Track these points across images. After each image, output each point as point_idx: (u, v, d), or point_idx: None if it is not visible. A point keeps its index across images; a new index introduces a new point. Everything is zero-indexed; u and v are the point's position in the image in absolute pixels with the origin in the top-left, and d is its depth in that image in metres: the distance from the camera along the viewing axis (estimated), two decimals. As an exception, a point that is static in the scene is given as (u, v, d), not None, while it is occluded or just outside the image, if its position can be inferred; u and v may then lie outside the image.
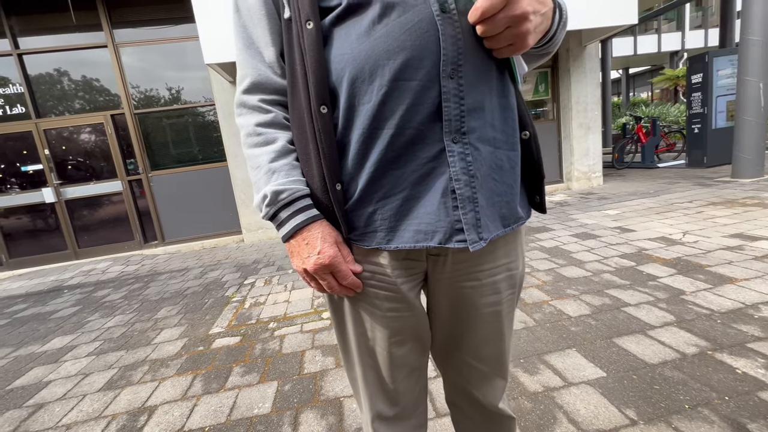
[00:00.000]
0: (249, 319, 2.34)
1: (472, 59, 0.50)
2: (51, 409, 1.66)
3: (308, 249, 0.54)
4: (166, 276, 3.69)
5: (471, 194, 0.53)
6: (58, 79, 4.61)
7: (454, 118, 0.51)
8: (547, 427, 1.19)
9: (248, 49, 0.57)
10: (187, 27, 4.56)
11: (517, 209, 0.59)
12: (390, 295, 0.59)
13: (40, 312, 3.07)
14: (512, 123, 0.56)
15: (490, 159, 0.54)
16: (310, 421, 1.36)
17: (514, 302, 0.67)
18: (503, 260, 0.62)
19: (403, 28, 0.48)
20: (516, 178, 0.58)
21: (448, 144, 0.51)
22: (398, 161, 0.52)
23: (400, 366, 0.65)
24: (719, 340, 1.52)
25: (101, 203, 4.87)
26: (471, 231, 0.53)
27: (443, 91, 0.50)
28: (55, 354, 2.22)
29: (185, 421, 1.45)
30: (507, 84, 0.56)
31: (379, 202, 0.54)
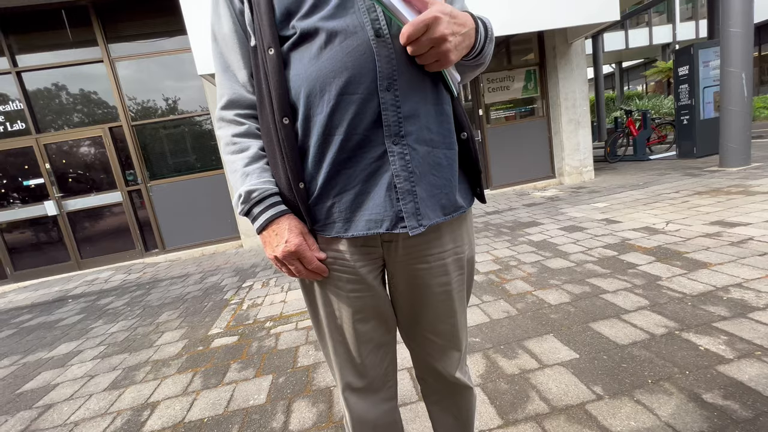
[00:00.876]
0: (246, 320, 2.44)
1: (406, 74, 0.59)
2: (59, 408, 1.75)
3: (277, 239, 0.64)
4: (167, 282, 3.79)
5: (410, 188, 0.61)
6: (56, 94, 4.73)
7: (392, 123, 0.59)
8: (520, 405, 1.28)
9: (225, 72, 0.68)
10: (180, 39, 4.68)
11: (457, 199, 0.68)
12: (351, 277, 0.68)
13: (46, 321, 3.17)
14: (448, 126, 0.65)
15: (428, 157, 0.63)
16: (302, 409, 1.45)
17: (464, 282, 0.75)
18: (450, 245, 0.70)
19: (345, 51, 0.58)
20: (453, 173, 0.67)
21: (389, 146, 0.60)
22: (349, 162, 0.61)
23: (366, 342, 0.74)
24: (687, 320, 1.60)
25: (102, 214, 4.98)
26: (411, 218, 0.62)
27: (381, 102, 0.58)
28: (62, 359, 2.31)
29: (185, 414, 1.54)
30: (441, 93, 0.64)
31: (335, 197, 0.63)
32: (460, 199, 0.69)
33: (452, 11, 0.54)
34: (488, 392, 1.37)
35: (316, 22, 0.59)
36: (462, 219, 0.72)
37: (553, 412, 1.23)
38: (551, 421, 1.19)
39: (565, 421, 1.18)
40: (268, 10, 0.60)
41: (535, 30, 4.51)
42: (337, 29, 0.58)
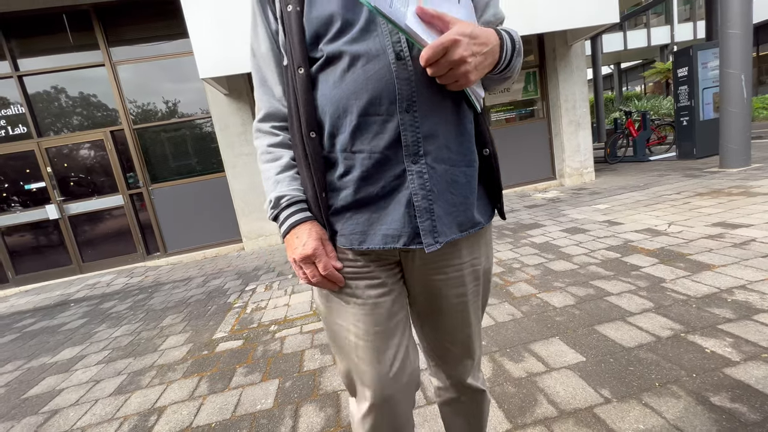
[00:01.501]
0: (251, 323, 2.44)
1: (425, 95, 0.61)
2: (65, 414, 1.75)
3: (297, 242, 0.67)
4: (169, 286, 3.79)
5: (427, 206, 0.63)
6: (58, 98, 4.73)
7: (411, 143, 0.61)
8: (529, 409, 1.29)
9: (262, 86, 0.73)
10: (182, 42, 4.69)
11: (474, 216, 0.69)
12: (370, 282, 0.70)
13: (49, 325, 3.17)
14: (468, 144, 0.67)
15: (446, 176, 0.64)
16: (310, 414, 1.45)
17: (479, 293, 0.77)
18: (467, 257, 0.72)
19: (366, 75, 0.60)
20: (471, 191, 0.68)
21: (408, 165, 0.62)
22: (370, 179, 0.64)
23: (387, 348, 0.72)
24: (693, 323, 1.61)
25: (103, 217, 4.98)
26: (427, 236, 0.64)
27: (401, 123, 0.60)
28: (66, 364, 2.31)
29: (193, 419, 1.54)
30: (463, 111, 0.66)
31: (355, 210, 0.66)
32: (478, 216, 0.70)
33: (473, 31, 0.54)
34: (496, 396, 1.37)
35: (341, 45, 0.61)
36: (480, 232, 0.73)
37: (562, 415, 1.23)
38: (560, 424, 1.20)
39: (574, 424, 1.18)
40: (299, 32, 0.64)
41: (535, 32, 4.53)
42: (360, 53, 0.60)
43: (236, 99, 4.68)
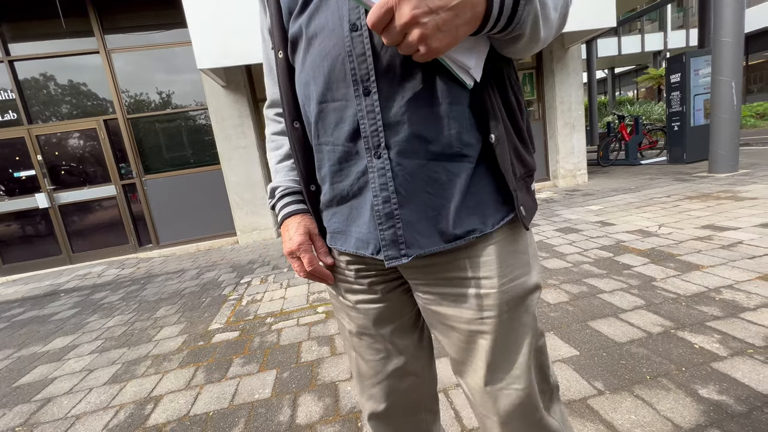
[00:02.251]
0: (247, 315, 2.44)
1: (388, 73, 0.50)
2: (59, 402, 1.73)
3: (286, 235, 0.65)
4: (162, 278, 3.75)
5: (389, 211, 0.53)
6: (50, 84, 4.64)
7: (371, 134, 0.52)
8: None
9: (268, 73, 0.70)
10: (179, 32, 4.63)
11: (465, 222, 0.53)
12: (356, 287, 0.65)
13: (39, 315, 3.12)
14: (455, 130, 0.52)
15: (420, 172, 0.52)
16: (308, 403, 1.46)
17: (499, 326, 0.56)
18: (467, 273, 0.56)
19: (321, 55, 0.53)
20: (458, 190, 0.53)
21: (370, 160, 0.53)
22: (340, 174, 0.57)
23: (382, 359, 0.68)
24: (682, 320, 1.66)
25: (95, 208, 4.91)
26: (390, 247, 0.55)
27: (358, 110, 0.51)
28: (58, 353, 2.29)
29: (190, 408, 1.54)
30: (445, 89, 0.51)
31: (336, 207, 0.61)
32: (473, 222, 0.54)
33: None
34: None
35: (301, 22, 0.54)
36: (487, 244, 0.55)
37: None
38: (555, 414, 1.23)
39: (569, 415, 1.22)
40: (276, 11, 0.58)
41: (533, 34, 4.57)
42: (317, 29, 0.53)
43: (234, 91, 4.64)
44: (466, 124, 0.53)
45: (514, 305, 0.56)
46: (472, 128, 0.53)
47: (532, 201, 0.59)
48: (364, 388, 0.71)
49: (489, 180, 0.55)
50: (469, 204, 0.54)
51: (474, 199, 0.54)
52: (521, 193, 0.56)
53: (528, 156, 0.59)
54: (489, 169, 0.55)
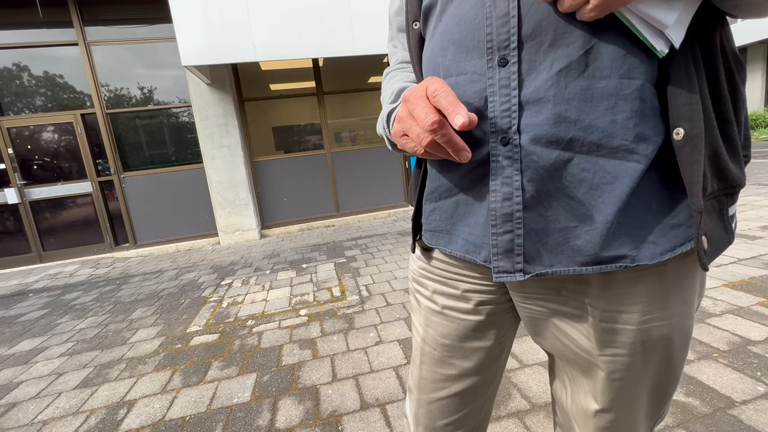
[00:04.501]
0: (227, 318, 2.39)
1: (536, 39, 0.40)
2: (25, 407, 1.66)
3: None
4: (139, 278, 3.64)
5: (509, 211, 0.43)
6: (23, 75, 4.45)
7: (500, 114, 0.42)
8: (503, 402, 1.34)
9: (391, 40, 0.65)
10: (163, 27, 4.53)
11: (614, 244, 0.41)
12: (451, 291, 0.57)
13: (5, 316, 2.98)
14: (625, 116, 0.38)
15: (562, 167, 0.40)
16: (288, 407, 1.45)
17: (635, 368, 0.45)
18: (597, 302, 0.45)
19: (455, 20, 0.45)
20: (614, 199, 0.39)
21: (494, 147, 0.43)
22: (449, 161, 0.48)
23: (444, 382, 0.60)
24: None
25: (69, 205, 4.72)
26: (502, 258, 0.45)
27: (489, 84, 0.43)
28: (25, 356, 2.19)
29: (166, 412, 1.50)
30: (620, 57, 0.37)
31: (437, 202, 0.54)
32: (624, 246, 0.40)
33: None
34: None
35: None
36: (638, 276, 0.43)
37: (534, 408, 1.29)
38: (532, 416, 1.26)
39: (545, 417, 1.25)
40: None
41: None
42: None
43: (219, 89, 4.57)
44: (643, 108, 0.38)
45: (669, 344, 0.44)
46: (651, 115, 0.39)
47: (725, 231, 0.42)
48: (421, 402, 0.63)
49: (662, 191, 0.41)
50: (627, 220, 0.40)
51: (635, 214, 0.40)
52: (709, 218, 0.40)
53: (733, 165, 0.41)
54: (666, 175, 0.40)
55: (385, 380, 1.56)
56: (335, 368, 1.68)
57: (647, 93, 0.38)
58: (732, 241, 0.43)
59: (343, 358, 1.76)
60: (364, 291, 2.59)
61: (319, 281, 2.90)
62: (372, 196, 5.46)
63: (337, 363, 1.72)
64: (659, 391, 0.48)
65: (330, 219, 5.28)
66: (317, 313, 2.31)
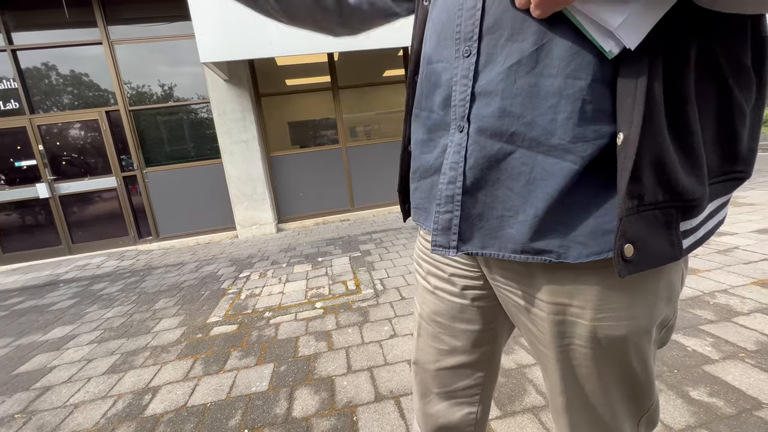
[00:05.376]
0: (245, 309, 2.45)
1: (495, 32, 0.41)
2: (58, 390, 1.75)
3: None
4: (161, 270, 3.77)
5: (451, 194, 0.46)
6: (52, 74, 4.63)
7: (458, 103, 0.45)
8: (518, 398, 1.34)
9: None
10: (182, 25, 4.62)
11: (543, 238, 0.42)
12: (438, 273, 0.61)
13: (38, 304, 3.14)
14: (566, 115, 0.38)
15: (502, 159, 0.42)
16: (305, 397, 1.48)
17: (585, 366, 0.46)
18: (544, 296, 0.46)
19: (441, 7, 0.48)
20: (546, 195, 0.40)
21: (452, 132, 0.46)
22: (428, 144, 0.53)
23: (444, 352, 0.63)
24: (676, 323, 1.67)
25: (95, 199, 4.91)
26: (440, 234, 0.48)
27: (454, 74, 0.45)
28: (57, 342, 2.30)
29: (188, 399, 1.56)
30: (569, 56, 0.37)
31: (419, 181, 0.57)
32: (552, 241, 0.41)
33: None
34: None
35: None
36: (586, 274, 0.43)
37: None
38: (547, 413, 1.25)
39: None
40: None
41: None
42: None
43: (236, 85, 4.64)
44: (585, 109, 0.38)
45: (611, 346, 0.44)
46: (595, 117, 0.38)
47: (669, 245, 0.39)
48: (418, 371, 0.68)
49: (600, 193, 0.40)
50: (559, 218, 0.41)
51: (568, 213, 0.41)
52: (646, 228, 0.37)
53: (688, 177, 0.38)
54: (607, 179, 0.39)
55: (400, 373, 1.57)
56: (350, 360, 1.71)
57: (593, 94, 0.38)
58: (678, 258, 0.40)
59: (358, 351, 1.78)
60: (378, 285, 2.61)
61: (335, 275, 2.93)
62: (387, 191, 5.46)
63: (352, 355, 1.75)
64: (632, 387, 0.47)
65: (345, 213, 5.31)
66: (332, 306, 2.34)
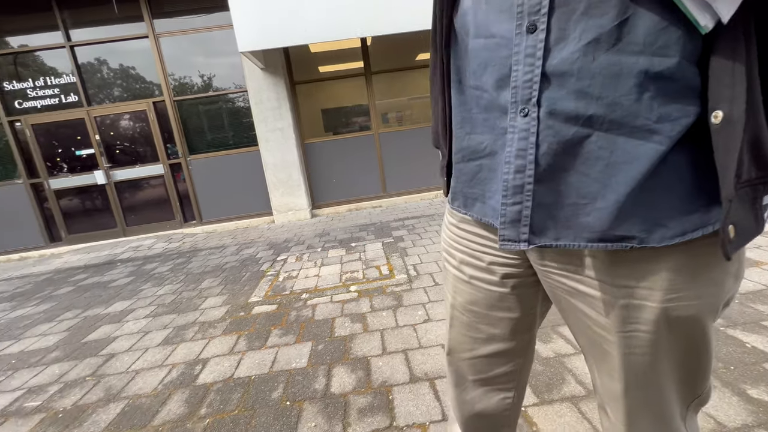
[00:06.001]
0: (283, 291, 2.56)
1: (568, 5, 0.37)
2: (120, 358, 1.93)
3: None
4: (205, 252, 4.00)
5: (520, 183, 0.44)
6: (104, 69, 4.95)
7: (522, 84, 0.41)
8: (556, 387, 1.31)
9: None
10: (220, 15, 4.75)
11: (624, 224, 0.40)
12: (476, 262, 0.58)
13: (100, 281, 3.45)
14: (651, 94, 0.36)
15: (578, 144, 0.39)
16: (342, 375, 1.54)
17: (650, 349, 0.44)
18: (622, 281, 0.43)
19: None
20: (628, 179, 0.38)
21: (512, 117, 0.43)
22: (484, 124, 0.48)
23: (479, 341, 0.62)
24: (734, 318, 1.56)
25: (145, 185, 5.26)
26: (508, 227, 0.46)
27: (515, 51, 0.41)
28: (118, 315, 2.53)
29: (234, 371, 1.67)
30: (655, 31, 0.35)
31: (463, 163, 0.54)
32: (633, 226, 0.40)
33: None
34: (523, 372, 1.41)
35: None
36: (659, 255, 0.41)
37: (590, 394, 1.25)
38: (588, 402, 1.22)
39: (602, 404, 1.20)
40: None
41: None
42: None
43: (272, 73, 4.73)
44: (673, 87, 0.36)
45: (678, 328, 0.43)
46: (683, 95, 0.36)
47: (755, 221, 0.38)
48: (452, 360, 0.67)
49: (685, 174, 0.38)
50: (641, 201, 0.39)
51: (651, 195, 0.39)
52: (740, 206, 0.36)
53: None
54: (693, 157, 0.38)
55: (434, 357, 1.59)
56: (385, 342, 1.75)
57: (682, 71, 0.35)
58: (761, 231, 0.39)
59: (392, 333, 1.81)
60: (411, 270, 2.62)
61: (368, 259, 2.98)
62: (419, 177, 5.42)
63: (387, 337, 1.79)
64: (690, 371, 0.46)
65: (377, 200, 5.35)
66: (366, 289, 2.39)
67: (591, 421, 1.16)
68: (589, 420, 1.16)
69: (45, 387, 1.75)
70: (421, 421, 1.25)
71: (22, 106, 4.90)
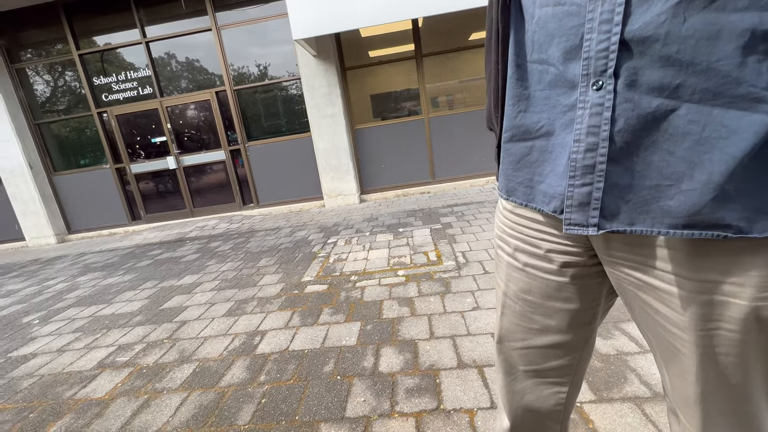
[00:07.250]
0: (334, 272, 2.66)
1: None
2: (191, 325, 2.15)
3: None
4: (262, 233, 4.26)
5: (591, 163, 0.39)
6: (173, 62, 5.37)
7: (596, 54, 0.37)
8: (617, 385, 1.23)
9: None
10: (276, 5, 4.90)
11: (716, 210, 0.35)
12: (534, 250, 0.55)
13: (172, 256, 3.83)
14: (755, 59, 0.31)
15: (662, 119, 0.35)
16: (389, 355, 1.58)
17: (741, 350, 0.39)
18: (703, 274, 0.38)
19: None
20: (726, 156, 0.33)
21: (583, 90, 0.39)
22: (546, 102, 0.45)
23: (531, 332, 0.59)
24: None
25: (209, 170, 5.69)
26: (575, 210, 0.42)
27: (588, 18, 0.37)
28: (188, 287, 2.80)
29: (289, 344, 1.78)
30: None
31: (512, 143, 0.51)
32: (732, 213, 0.34)
33: None
34: (579, 367, 1.34)
35: None
36: (755, 246, 0.35)
37: (656, 396, 1.16)
38: (653, 405, 1.13)
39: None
40: None
41: None
42: None
43: (324, 60, 4.82)
44: None
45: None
46: None
47: None
48: (502, 349, 0.65)
49: None
50: (741, 184, 0.33)
51: (750, 177, 0.33)
52: None
53: None
54: None
55: (483, 344, 1.57)
56: (432, 327, 1.75)
57: None
58: None
59: (440, 319, 1.81)
60: (460, 257, 2.58)
61: (416, 245, 2.99)
62: (469, 163, 5.27)
63: (434, 322, 1.79)
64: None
65: (425, 186, 5.30)
66: (414, 274, 2.40)
67: (657, 424, 1.08)
68: (654, 423, 1.08)
69: (132, 345, 2.01)
70: (468, 406, 1.24)
71: (108, 99, 5.50)
